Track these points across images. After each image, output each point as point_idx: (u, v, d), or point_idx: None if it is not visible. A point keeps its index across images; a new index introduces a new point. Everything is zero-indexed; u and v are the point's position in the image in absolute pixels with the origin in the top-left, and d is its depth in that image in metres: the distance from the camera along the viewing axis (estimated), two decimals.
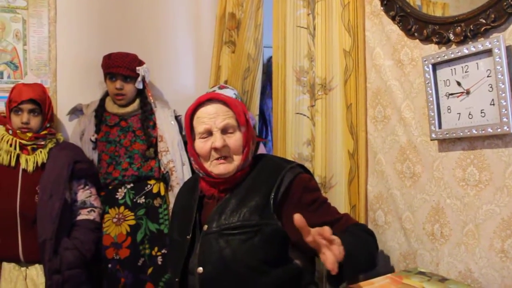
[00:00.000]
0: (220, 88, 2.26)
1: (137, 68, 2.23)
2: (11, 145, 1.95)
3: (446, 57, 1.32)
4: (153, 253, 2.14)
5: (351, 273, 1.16)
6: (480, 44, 1.22)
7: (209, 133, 1.34)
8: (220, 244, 1.27)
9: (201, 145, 1.35)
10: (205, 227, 1.33)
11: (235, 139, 1.34)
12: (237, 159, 1.34)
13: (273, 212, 1.29)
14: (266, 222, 1.28)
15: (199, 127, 1.36)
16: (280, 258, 1.30)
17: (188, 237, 1.36)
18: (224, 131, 1.34)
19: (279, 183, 1.31)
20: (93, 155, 2.19)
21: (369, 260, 1.29)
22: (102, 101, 2.30)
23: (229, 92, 2.24)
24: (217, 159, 1.33)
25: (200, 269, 1.28)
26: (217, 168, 1.34)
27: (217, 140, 1.31)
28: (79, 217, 2.02)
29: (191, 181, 1.56)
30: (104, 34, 2.45)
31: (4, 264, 1.92)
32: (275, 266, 1.28)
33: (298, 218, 1.03)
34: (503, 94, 1.17)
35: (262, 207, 1.29)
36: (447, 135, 1.33)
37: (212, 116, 1.34)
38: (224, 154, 1.33)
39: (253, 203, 1.30)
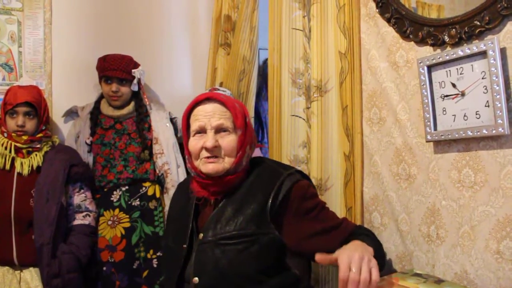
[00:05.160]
0: (211, 91, 2.26)
1: (133, 70, 2.23)
2: (6, 148, 1.93)
3: (441, 59, 1.33)
4: (148, 256, 2.13)
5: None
6: (475, 46, 1.23)
7: (203, 131, 1.31)
8: (216, 254, 1.24)
9: (193, 143, 1.32)
10: (201, 235, 1.30)
11: (228, 141, 1.30)
12: (228, 162, 1.30)
13: (270, 221, 1.26)
14: (263, 231, 1.25)
15: (194, 124, 1.33)
16: (277, 267, 1.28)
17: (185, 246, 1.33)
18: (218, 131, 1.30)
19: (277, 191, 1.28)
20: (88, 158, 2.19)
21: (384, 256, 1.39)
22: (97, 103, 2.30)
23: None
24: (207, 157, 1.29)
25: (196, 279, 1.25)
26: (206, 166, 1.29)
27: (209, 139, 1.28)
28: (75, 222, 2.01)
29: (186, 184, 1.52)
30: (100, 36, 2.45)
31: None
32: (272, 275, 1.26)
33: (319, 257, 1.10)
34: (498, 96, 1.17)
35: (258, 215, 1.26)
36: (443, 136, 1.34)
37: (208, 115, 1.30)
38: (215, 154, 1.29)
39: (249, 211, 1.27)
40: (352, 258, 1.03)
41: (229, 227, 1.26)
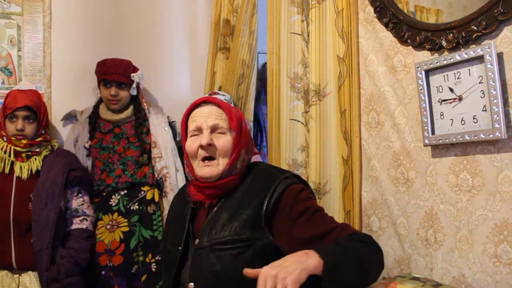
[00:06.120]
0: (211, 95, 2.26)
1: (132, 74, 2.23)
2: (5, 152, 1.93)
3: (438, 63, 1.33)
4: (147, 260, 2.13)
5: (334, 285, 1.07)
6: (472, 51, 1.23)
7: (199, 131, 1.34)
8: (211, 260, 1.25)
9: (190, 142, 1.35)
10: (196, 241, 1.30)
11: (223, 141, 1.32)
12: (223, 163, 1.31)
13: (264, 226, 1.26)
14: (258, 236, 1.25)
15: (191, 125, 1.36)
16: None
17: (180, 248, 1.34)
18: (214, 130, 1.33)
19: (271, 195, 1.27)
20: (87, 162, 2.19)
21: (360, 270, 1.13)
22: (96, 107, 2.30)
23: (220, 98, 2.24)
24: (203, 160, 1.32)
25: (191, 284, 1.26)
26: (202, 170, 1.32)
27: (204, 137, 1.31)
28: (72, 227, 2.01)
29: (185, 189, 1.52)
30: (99, 40, 2.45)
31: None
32: None
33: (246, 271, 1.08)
34: (495, 100, 1.18)
35: (253, 220, 1.26)
36: (440, 141, 1.34)
37: (204, 115, 1.34)
38: (210, 153, 1.31)
39: (244, 216, 1.27)
40: (268, 275, 1.03)
41: (224, 232, 1.27)
